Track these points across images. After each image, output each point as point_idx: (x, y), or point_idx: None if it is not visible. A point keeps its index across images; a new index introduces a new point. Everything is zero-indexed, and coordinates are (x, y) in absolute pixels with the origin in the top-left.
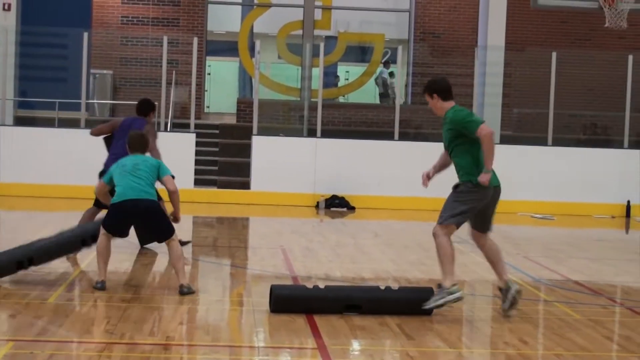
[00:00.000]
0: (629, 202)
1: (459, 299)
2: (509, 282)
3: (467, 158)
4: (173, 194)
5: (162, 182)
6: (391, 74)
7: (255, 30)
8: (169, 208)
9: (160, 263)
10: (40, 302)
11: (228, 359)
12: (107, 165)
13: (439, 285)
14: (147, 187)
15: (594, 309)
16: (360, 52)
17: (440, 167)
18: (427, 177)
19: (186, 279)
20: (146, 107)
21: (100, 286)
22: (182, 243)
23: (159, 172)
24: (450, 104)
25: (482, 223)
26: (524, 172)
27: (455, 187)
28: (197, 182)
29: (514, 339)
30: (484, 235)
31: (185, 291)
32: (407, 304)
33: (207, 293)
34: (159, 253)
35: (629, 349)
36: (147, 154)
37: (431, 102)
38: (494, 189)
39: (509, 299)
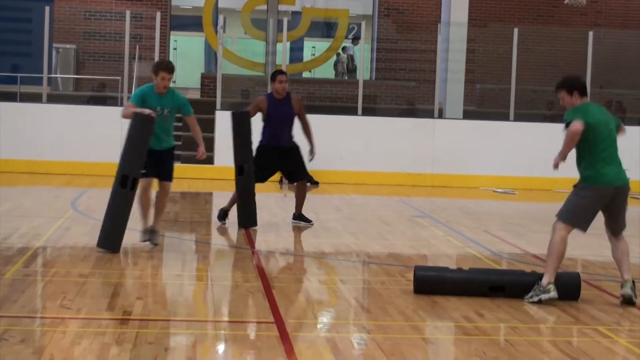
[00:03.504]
0: None
1: (552, 299)
2: (624, 283)
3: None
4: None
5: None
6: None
7: (220, 5)
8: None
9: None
10: None
11: (185, 333)
12: None
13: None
14: None
15: None
16: (325, 28)
17: None
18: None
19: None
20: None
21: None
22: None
23: None
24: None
25: (610, 224)
26: (486, 147)
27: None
28: None
29: (470, 312)
30: (614, 236)
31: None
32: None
33: (166, 268)
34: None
35: (583, 320)
36: None
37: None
38: (615, 189)
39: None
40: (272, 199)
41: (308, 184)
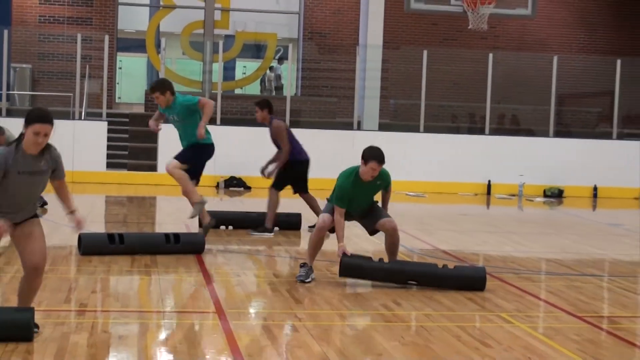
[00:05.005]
0: (489, 181)
1: None
2: None
3: None
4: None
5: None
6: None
7: (161, 29)
8: None
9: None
10: None
11: (136, 323)
12: None
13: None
14: None
15: None
16: (255, 50)
17: None
18: None
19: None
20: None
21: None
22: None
23: None
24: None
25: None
26: (399, 155)
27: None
28: (109, 165)
29: (389, 301)
30: None
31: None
32: None
33: (117, 264)
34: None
35: (487, 308)
36: None
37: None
38: None
39: None
40: (210, 202)
41: (241, 189)
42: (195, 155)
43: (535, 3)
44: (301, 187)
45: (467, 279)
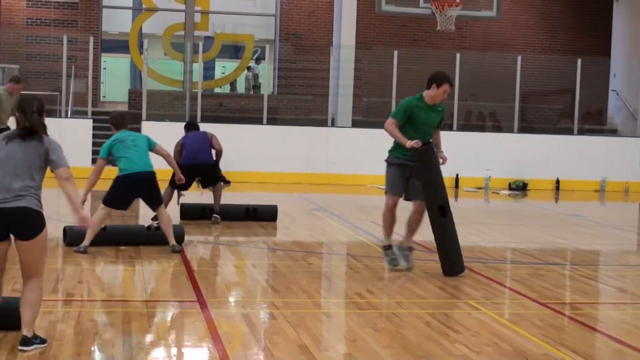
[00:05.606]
0: (457, 175)
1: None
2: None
3: None
4: (168, 157)
5: (155, 152)
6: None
7: (144, 31)
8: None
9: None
10: None
11: (121, 312)
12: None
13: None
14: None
15: (429, 264)
16: (234, 50)
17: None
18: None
19: (173, 240)
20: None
21: None
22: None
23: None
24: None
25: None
26: (371, 151)
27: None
28: (94, 161)
29: (363, 290)
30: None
31: (176, 249)
32: None
33: (103, 256)
34: (54, 220)
35: (456, 296)
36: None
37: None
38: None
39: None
40: (191, 195)
41: (221, 183)
42: (113, 191)
43: (500, 5)
44: (206, 182)
45: (456, 254)
